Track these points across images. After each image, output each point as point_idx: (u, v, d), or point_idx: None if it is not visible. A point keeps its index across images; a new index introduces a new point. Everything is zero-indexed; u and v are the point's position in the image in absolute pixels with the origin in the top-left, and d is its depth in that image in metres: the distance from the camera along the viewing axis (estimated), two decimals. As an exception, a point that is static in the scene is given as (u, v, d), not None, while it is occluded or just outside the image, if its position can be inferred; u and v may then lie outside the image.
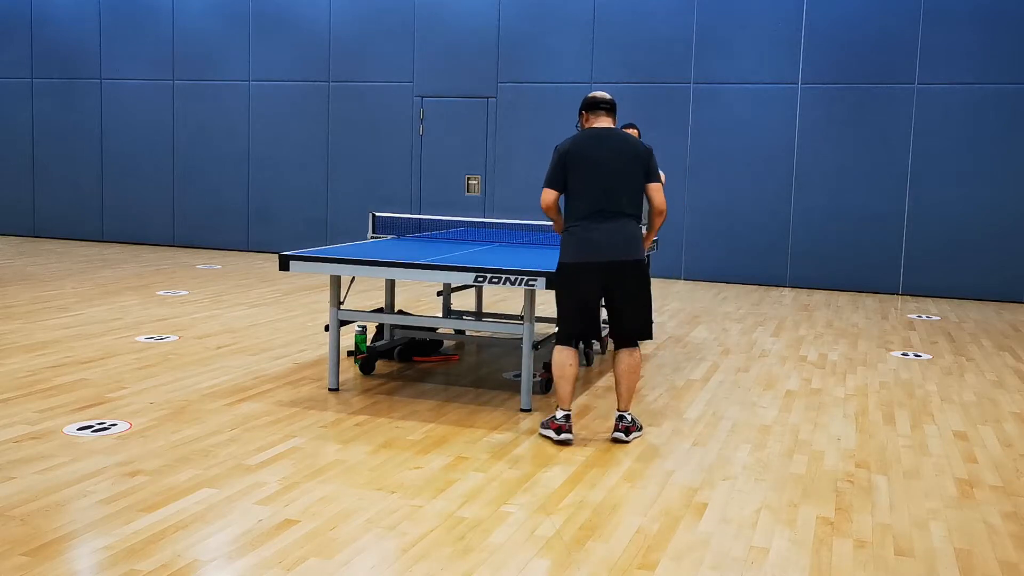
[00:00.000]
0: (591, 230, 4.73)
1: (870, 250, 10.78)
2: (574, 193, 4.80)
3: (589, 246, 4.72)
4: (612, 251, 4.72)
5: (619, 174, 4.77)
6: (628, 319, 4.82)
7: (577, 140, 4.84)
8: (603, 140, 4.83)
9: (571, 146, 4.82)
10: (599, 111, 4.92)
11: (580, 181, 4.77)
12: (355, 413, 5.16)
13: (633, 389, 4.87)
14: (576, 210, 4.79)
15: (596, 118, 4.92)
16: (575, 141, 4.84)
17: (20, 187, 14.31)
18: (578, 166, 4.77)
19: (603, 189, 4.74)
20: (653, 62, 11.33)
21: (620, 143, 4.84)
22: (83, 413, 4.98)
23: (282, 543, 3.42)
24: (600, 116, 4.92)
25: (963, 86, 10.35)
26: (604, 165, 4.76)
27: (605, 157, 4.77)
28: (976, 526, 3.82)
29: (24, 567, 3.16)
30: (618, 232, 4.73)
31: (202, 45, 13.17)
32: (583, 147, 4.80)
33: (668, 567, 3.33)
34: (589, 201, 4.75)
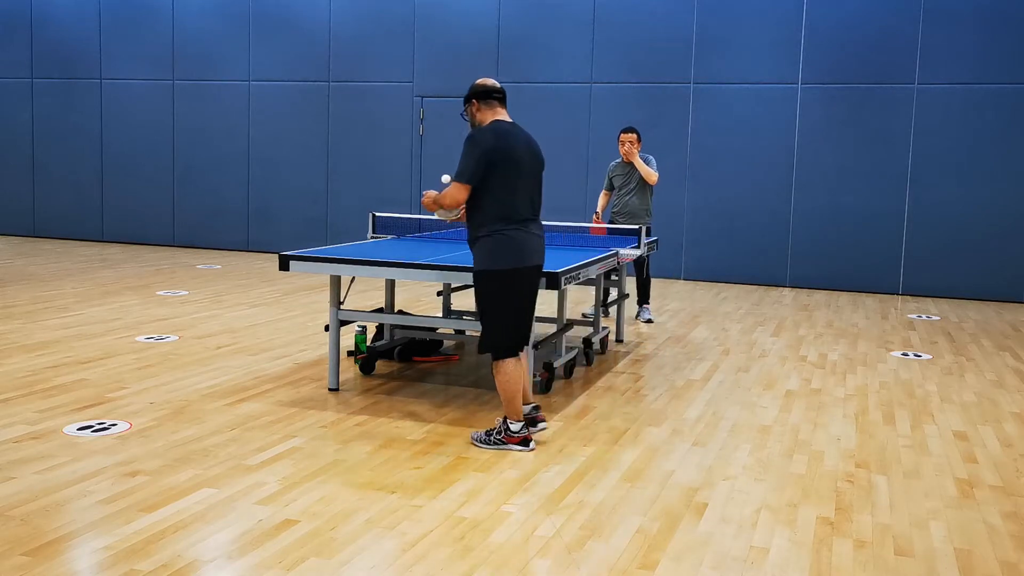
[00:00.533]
0: (527, 232, 4.54)
1: (870, 250, 10.78)
2: (502, 193, 4.48)
3: (527, 249, 4.54)
4: (541, 254, 4.65)
5: (536, 174, 4.65)
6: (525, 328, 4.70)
7: (499, 136, 4.50)
8: (520, 137, 4.58)
9: (496, 143, 4.47)
10: (493, 101, 4.62)
11: (508, 180, 4.49)
12: (355, 413, 5.16)
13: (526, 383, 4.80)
14: (507, 211, 4.49)
15: (492, 110, 4.62)
16: (498, 137, 4.49)
17: (20, 187, 14.31)
18: (505, 164, 4.48)
19: (529, 189, 4.57)
20: (653, 62, 11.33)
21: (531, 140, 4.68)
22: (83, 413, 4.98)
23: (282, 543, 3.42)
24: (496, 107, 4.62)
25: (963, 86, 10.35)
26: (526, 164, 4.56)
27: (525, 155, 4.57)
28: (976, 526, 3.82)
29: (24, 567, 3.16)
30: (538, 236, 4.64)
31: (202, 45, 13.17)
32: (508, 144, 4.50)
33: (668, 567, 3.33)
34: (520, 202, 4.52)
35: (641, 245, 6.97)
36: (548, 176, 12.22)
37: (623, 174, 8.47)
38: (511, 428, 4.58)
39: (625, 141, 8.35)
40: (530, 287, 4.63)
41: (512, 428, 4.58)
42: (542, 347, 5.65)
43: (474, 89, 4.63)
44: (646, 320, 8.42)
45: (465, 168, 4.49)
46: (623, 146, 8.35)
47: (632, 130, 8.44)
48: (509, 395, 4.57)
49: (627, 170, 8.44)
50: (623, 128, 8.54)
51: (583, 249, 6.50)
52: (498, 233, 4.49)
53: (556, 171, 11.71)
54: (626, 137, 8.36)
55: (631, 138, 8.35)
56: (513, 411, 4.59)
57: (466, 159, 4.49)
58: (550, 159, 5.15)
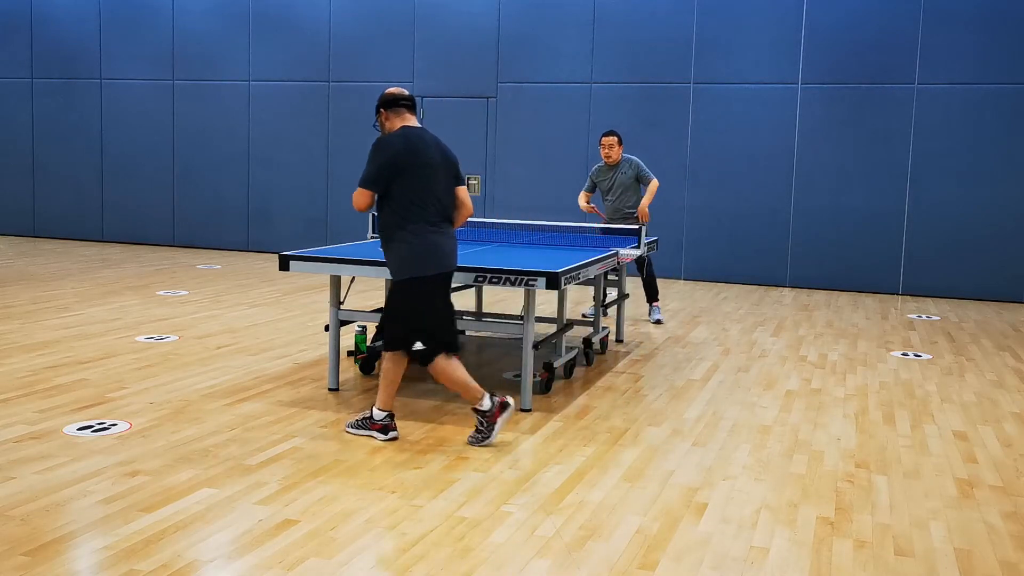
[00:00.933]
0: (439, 237, 4.57)
1: (870, 250, 10.78)
2: (410, 198, 4.52)
3: (440, 254, 4.57)
4: (452, 261, 4.67)
5: (445, 178, 4.64)
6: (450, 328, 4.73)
7: (408, 141, 4.55)
8: (427, 142, 4.61)
9: (402, 147, 4.52)
10: (401, 108, 4.66)
11: (416, 185, 4.52)
12: (355, 413, 5.15)
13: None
14: (416, 216, 4.53)
15: (400, 117, 4.66)
16: (406, 141, 4.54)
17: (20, 187, 14.31)
18: (412, 169, 4.51)
19: (438, 194, 4.59)
20: (653, 62, 11.34)
21: (440, 145, 4.69)
22: (83, 413, 4.98)
23: (282, 543, 3.42)
24: (404, 114, 4.67)
25: (963, 86, 10.35)
26: (435, 169, 4.58)
27: (433, 160, 4.58)
28: (976, 526, 3.82)
29: (24, 567, 3.16)
30: (451, 242, 4.67)
31: (202, 45, 13.17)
32: (415, 149, 4.54)
33: (668, 567, 3.33)
34: (430, 207, 4.55)
35: (641, 245, 6.97)
36: (548, 176, 12.23)
37: (607, 178, 8.43)
38: (375, 416, 4.67)
39: (605, 145, 8.32)
40: (441, 291, 4.65)
41: (375, 416, 4.67)
42: (542, 347, 5.65)
43: (382, 98, 4.69)
44: (655, 321, 8.39)
45: (368, 174, 4.57)
46: (603, 149, 8.33)
47: (613, 133, 8.39)
48: (386, 384, 4.67)
49: (611, 174, 8.40)
50: (604, 132, 8.52)
51: (583, 249, 6.50)
52: (409, 237, 4.54)
53: (556, 171, 11.78)
54: (608, 140, 8.32)
55: (611, 141, 8.30)
56: (383, 401, 4.68)
57: (370, 165, 4.57)
58: (550, 159, 5.15)
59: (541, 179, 11.83)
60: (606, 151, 8.32)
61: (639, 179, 8.37)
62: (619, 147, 8.34)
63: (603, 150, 8.34)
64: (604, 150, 8.33)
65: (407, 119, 4.68)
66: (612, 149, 8.30)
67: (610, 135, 8.37)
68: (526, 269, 5.05)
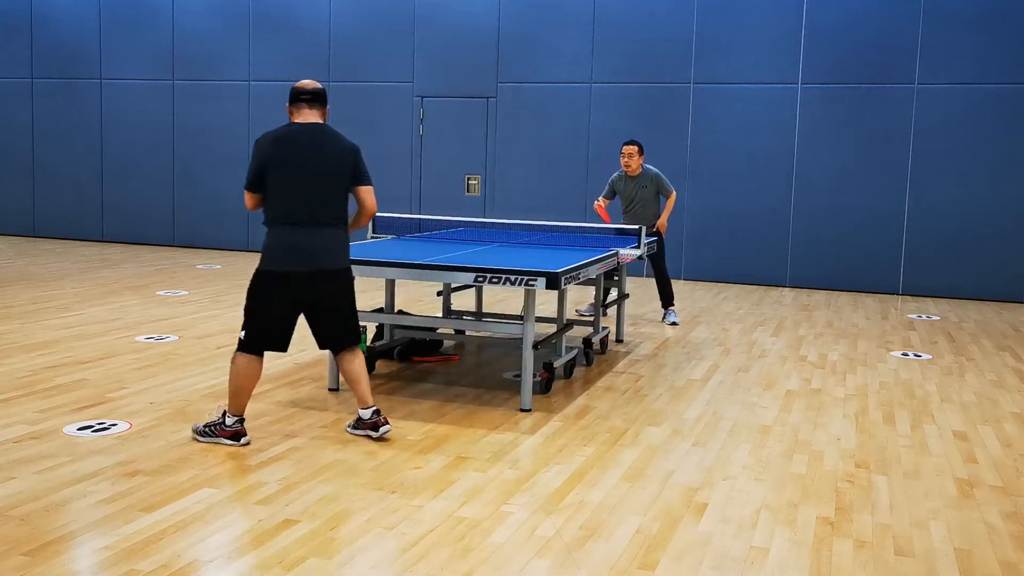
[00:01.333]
0: (294, 237, 4.45)
1: (870, 250, 10.78)
2: (274, 195, 4.47)
3: (293, 254, 4.46)
4: (317, 260, 4.49)
5: (322, 176, 4.47)
6: (335, 330, 4.63)
7: (278, 137, 4.49)
8: (307, 139, 4.49)
9: (271, 146, 4.47)
10: (300, 103, 4.56)
11: (280, 183, 4.44)
12: (355, 413, 5.15)
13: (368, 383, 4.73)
14: (277, 214, 4.47)
15: (299, 112, 4.57)
16: (276, 138, 4.49)
17: (20, 187, 14.31)
18: (278, 166, 4.44)
19: (303, 193, 4.44)
20: (653, 62, 11.34)
21: (330, 142, 4.53)
22: (83, 413, 4.98)
23: (282, 543, 3.42)
24: (303, 109, 4.56)
25: (963, 86, 10.35)
26: (306, 166, 4.45)
27: (306, 157, 4.46)
28: (976, 526, 3.82)
29: (24, 567, 3.16)
30: (321, 239, 4.49)
31: (202, 45, 13.17)
32: (283, 145, 4.47)
33: (668, 567, 3.33)
34: (290, 205, 4.45)
35: (641, 245, 6.97)
36: (548, 176, 12.21)
37: (627, 189, 8.39)
38: (226, 422, 4.55)
39: (625, 154, 8.30)
40: (278, 292, 4.49)
41: (227, 422, 4.55)
42: (542, 347, 5.65)
43: (290, 93, 4.63)
44: (671, 323, 8.37)
45: (247, 175, 4.55)
46: (623, 158, 8.30)
47: (634, 143, 8.36)
48: (234, 389, 4.55)
49: (631, 183, 8.37)
50: (625, 140, 8.49)
51: (583, 249, 6.50)
52: (271, 235, 4.51)
53: (556, 171, 11.78)
54: (628, 150, 8.28)
55: (631, 151, 8.27)
56: (234, 406, 4.56)
57: (249, 165, 4.55)
58: (550, 159, 5.14)
59: (541, 179, 11.83)
60: (626, 160, 8.28)
61: (659, 192, 8.35)
62: (639, 157, 8.29)
63: (623, 159, 8.30)
64: (624, 159, 8.29)
65: (303, 114, 4.57)
66: (632, 159, 8.26)
67: (631, 144, 8.32)
68: (526, 269, 5.05)
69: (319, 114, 4.62)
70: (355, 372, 4.72)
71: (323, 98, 4.64)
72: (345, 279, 4.65)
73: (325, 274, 4.54)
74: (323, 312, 4.62)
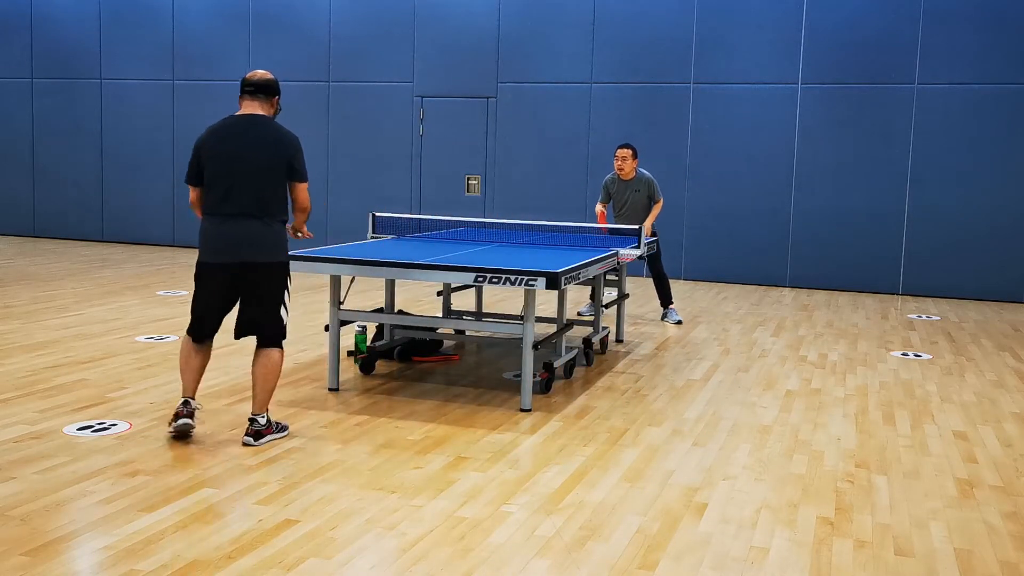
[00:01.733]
0: (218, 228, 4.47)
1: (870, 250, 10.78)
2: (206, 187, 4.50)
3: (216, 245, 4.48)
4: (238, 253, 4.46)
5: (252, 168, 4.43)
6: (256, 323, 4.58)
7: (212, 129, 4.52)
8: (240, 131, 4.48)
9: (205, 136, 4.51)
10: (244, 94, 4.56)
11: (211, 175, 4.46)
12: (355, 413, 5.16)
13: (269, 391, 4.58)
14: (208, 204, 4.50)
15: (242, 103, 4.57)
16: (210, 130, 4.52)
17: (20, 187, 14.31)
18: (211, 158, 4.46)
19: (231, 185, 4.43)
20: (653, 62, 11.33)
21: (258, 134, 4.48)
22: (83, 413, 4.98)
23: (282, 543, 3.41)
24: (245, 100, 4.55)
25: (963, 86, 10.35)
26: (236, 159, 4.43)
27: (236, 150, 4.44)
28: (976, 526, 3.82)
29: (24, 567, 3.16)
30: (245, 232, 4.45)
31: (202, 45, 13.17)
32: (216, 137, 4.48)
33: (668, 567, 3.33)
34: (217, 197, 4.46)
35: (641, 245, 6.97)
36: (548, 176, 12.19)
37: (620, 193, 8.38)
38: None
39: (618, 157, 8.28)
40: (211, 282, 4.54)
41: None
42: (542, 347, 5.64)
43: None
44: (675, 322, 8.37)
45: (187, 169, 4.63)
46: (616, 162, 8.29)
47: (628, 146, 8.34)
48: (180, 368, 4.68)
49: (624, 186, 8.36)
50: (619, 144, 8.48)
51: (583, 249, 6.50)
52: (202, 224, 4.57)
53: (556, 171, 11.77)
54: (621, 153, 8.27)
55: (624, 154, 8.26)
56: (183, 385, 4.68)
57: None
58: (550, 159, 5.14)
59: (541, 179, 11.83)
60: (619, 163, 8.26)
61: (650, 197, 8.34)
62: (633, 160, 8.27)
63: (616, 162, 8.28)
64: (617, 162, 8.27)
65: (245, 105, 4.57)
66: (625, 162, 8.24)
67: (624, 147, 8.29)
68: (526, 269, 5.05)
69: (262, 106, 4.58)
70: (255, 374, 4.60)
71: (268, 89, 4.59)
72: (271, 273, 4.55)
73: (248, 266, 4.50)
74: (244, 303, 4.61)
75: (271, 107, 4.62)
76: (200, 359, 4.68)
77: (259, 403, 4.59)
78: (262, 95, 4.58)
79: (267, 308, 4.60)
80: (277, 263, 4.58)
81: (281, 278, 4.61)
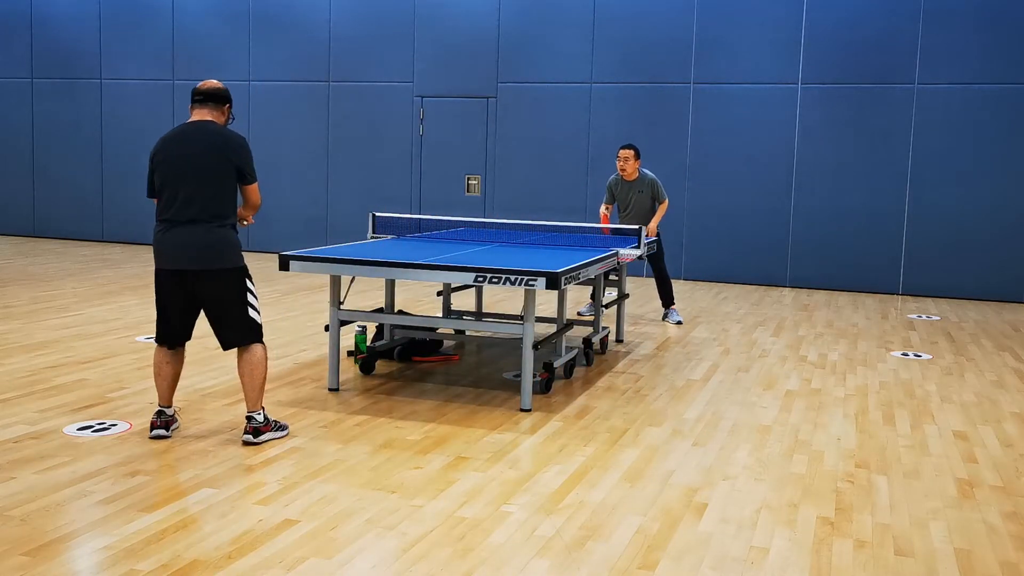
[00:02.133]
0: (167, 235, 4.46)
1: (870, 250, 10.78)
2: (157, 193, 4.52)
3: (168, 252, 4.47)
4: (185, 261, 4.44)
5: (198, 173, 4.43)
6: (226, 329, 4.55)
7: (163, 137, 4.55)
8: (187, 137, 4.49)
9: (157, 145, 4.54)
10: (194, 103, 4.58)
11: (161, 181, 4.48)
12: (355, 413, 5.16)
13: (258, 387, 4.57)
14: (158, 211, 4.53)
15: (192, 111, 4.60)
16: (161, 139, 4.56)
17: (20, 187, 14.31)
18: (160, 164, 4.48)
19: (178, 192, 4.42)
20: (653, 62, 11.33)
21: (204, 139, 4.47)
22: (83, 413, 4.98)
23: (282, 543, 3.42)
24: (195, 109, 4.57)
25: (963, 86, 10.35)
26: (182, 165, 4.43)
27: (183, 156, 4.45)
28: (976, 526, 3.82)
29: (24, 567, 3.16)
30: (192, 239, 4.43)
31: (202, 45, 13.17)
32: (165, 145, 4.51)
33: (668, 567, 3.33)
34: (164, 204, 4.47)
35: (641, 245, 6.96)
36: (548, 176, 12.19)
37: (623, 193, 8.37)
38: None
39: (620, 158, 8.28)
40: (167, 289, 4.52)
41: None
42: (542, 347, 5.64)
43: None
44: (676, 322, 8.36)
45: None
46: (619, 162, 8.28)
47: (630, 147, 8.33)
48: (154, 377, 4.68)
49: (628, 187, 8.35)
50: (622, 144, 8.48)
51: (583, 249, 6.50)
52: (154, 232, 4.57)
53: (556, 171, 11.78)
54: (623, 154, 8.25)
55: (626, 155, 8.24)
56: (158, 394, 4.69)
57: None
58: (550, 159, 5.14)
59: (541, 179, 11.83)
60: (620, 164, 8.25)
61: (654, 198, 8.34)
62: (635, 161, 8.26)
63: (619, 163, 8.27)
64: (619, 163, 8.26)
65: (194, 113, 4.58)
66: (627, 163, 8.24)
67: (626, 148, 8.29)
68: (526, 269, 5.05)
69: (211, 113, 4.57)
70: (241, 374, 4.60)
71: (217, 97, 4.58)
72: (225, 279, 4.51)
73: (198, 274, 4.46)
74: (208, 311, 4.58)
75: (222, 115, 4.62)
76: (172, 368, 4.64)
77: (251, 401, 4.58)
78: (211, 103, 4.58)
79: (233, 317, 4.54)
80: (228, 269, 4.52)
81: (237, 283, 4.55)
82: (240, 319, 4.55)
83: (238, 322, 4.55)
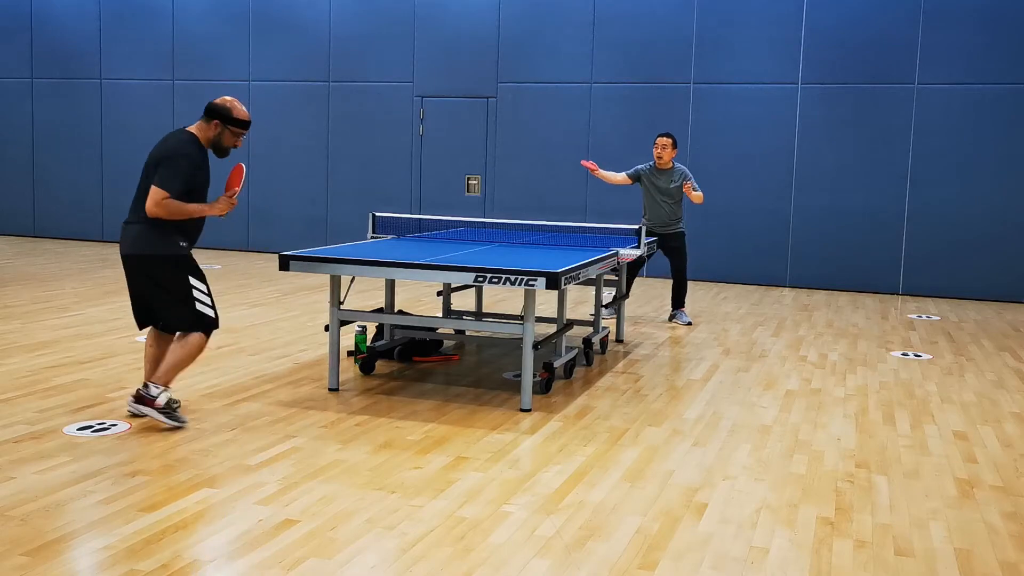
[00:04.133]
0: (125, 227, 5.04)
1: (870, 250, 10.78)
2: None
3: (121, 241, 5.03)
4: (123, 246, 4.96)
5: (143, 175, 4.89)
6: (164, 315, 4.89)
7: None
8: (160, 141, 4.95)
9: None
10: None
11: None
12: (355, 413, 5.16)
13: (174, 364, 4.78)
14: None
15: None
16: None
17: (20, 187, 14.31)
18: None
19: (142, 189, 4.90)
20: (653, 62, 11.33)
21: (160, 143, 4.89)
22: (83, 413, 4.98)
23: (282, 543, 3.41)
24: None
25: (963, 86, 10.35)
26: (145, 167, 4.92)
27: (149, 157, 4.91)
28: (976, 526, 3.82)
29: (24, 567, 3.16)
30: (127, 229, 4.96)
31: (202, 45, 13.17)
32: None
33: (668, 567, 3.33)
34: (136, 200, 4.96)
35: (641, 245, 6.97)
36: (548, 176, 12.22)
37: (656, 181, 8.32)
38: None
39: (658, 145, 8.25)
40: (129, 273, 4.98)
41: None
42: (542, 347, 5.65)
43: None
44: (685, 323, 8.35)
45: None
46: (656, 150, 8.25)
47: (668, 135, 8.31)
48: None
49: (662, 178, 8.32)
50: (660, 132, 8.47)
51: (583, 249, 6.50)
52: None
53: (556, 171, 11.77)
54: (662, 141, 8.23)
55: (665, 142, 8.22)
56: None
57: None
58: (550, 159, 5.14)
59: (541, 179, 11.83)
60: (658, 151, 8.24)
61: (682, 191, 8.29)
62: (672, 150, 8.27)
63: (656, 150, 8.25)
64: (657, 150, 8.25)
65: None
66: (665, 150, 8.23)
67: (665, 136, 8.30)
68: (526, 269, 5.05)
69: (199, 124, 4.91)
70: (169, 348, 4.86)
71: (207, 111, 4.88)
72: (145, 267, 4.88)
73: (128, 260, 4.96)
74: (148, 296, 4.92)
75: (208, 128, 4.90)
76: (153, 350, 4.96)
77: (160, 373, 4.78)
78: (204, 116, 4.90)
79: (165, 300, 4.85)
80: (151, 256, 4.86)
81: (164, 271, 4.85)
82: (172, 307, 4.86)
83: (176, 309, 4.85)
